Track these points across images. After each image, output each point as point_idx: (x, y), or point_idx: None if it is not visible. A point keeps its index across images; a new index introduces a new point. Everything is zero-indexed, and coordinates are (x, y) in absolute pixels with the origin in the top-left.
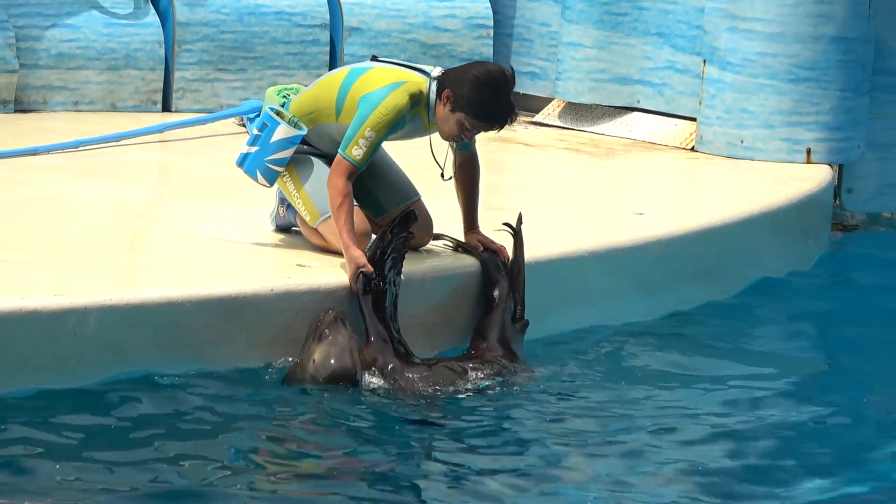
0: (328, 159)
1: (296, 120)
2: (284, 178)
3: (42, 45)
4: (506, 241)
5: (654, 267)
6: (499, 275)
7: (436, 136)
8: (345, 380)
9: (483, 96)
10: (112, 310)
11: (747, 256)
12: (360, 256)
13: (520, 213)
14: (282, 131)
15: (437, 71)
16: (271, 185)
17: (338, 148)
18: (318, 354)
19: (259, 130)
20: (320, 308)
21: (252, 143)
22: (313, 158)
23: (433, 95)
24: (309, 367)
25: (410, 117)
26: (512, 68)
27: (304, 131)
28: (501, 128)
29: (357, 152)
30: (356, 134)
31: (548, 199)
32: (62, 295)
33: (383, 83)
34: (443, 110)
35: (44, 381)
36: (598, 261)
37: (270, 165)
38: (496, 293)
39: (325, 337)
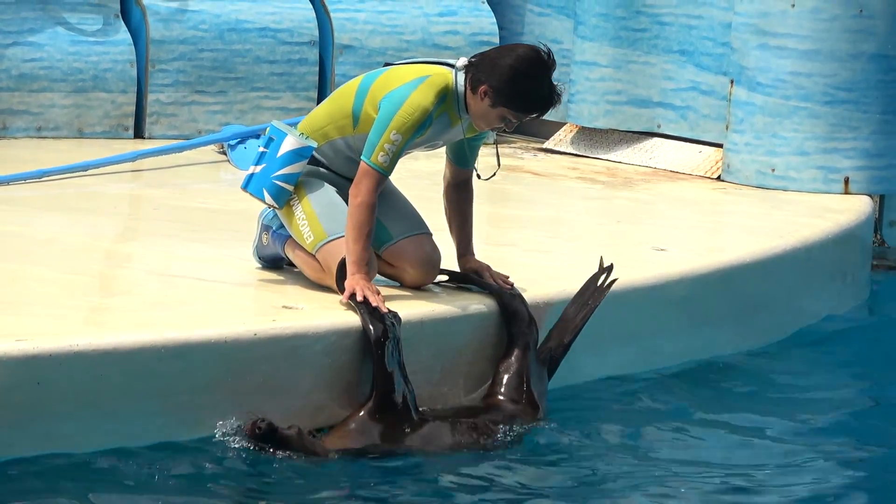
0: (339, 187)
1: (305, 136)
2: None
3: (2, 64)
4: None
5: (677, 308)
6: (517, 305)
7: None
8: None
9: (526, 88)
10: (80, 357)
11: (779, 297)
12: (370, 285)
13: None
14: (290, 143)
15: (461, 61)
16: (281, 206)
17: (353, 165)
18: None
19: (265, 147)
20: (309, 354)
21: (257, 161)
22: (323, 181)
23: (461, 88)
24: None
25: (437, 114)
26: (547, 46)
27: (315, 144)
28: (546, 112)
29: (383, 158)
30: (381, 138)
31: (559, 234)
32: (24, 340)
33: (407, 79)
34: (481, 105)
35: (3, 435)
36: (615, 302)
37: (279, 182)
38: (517, 327)
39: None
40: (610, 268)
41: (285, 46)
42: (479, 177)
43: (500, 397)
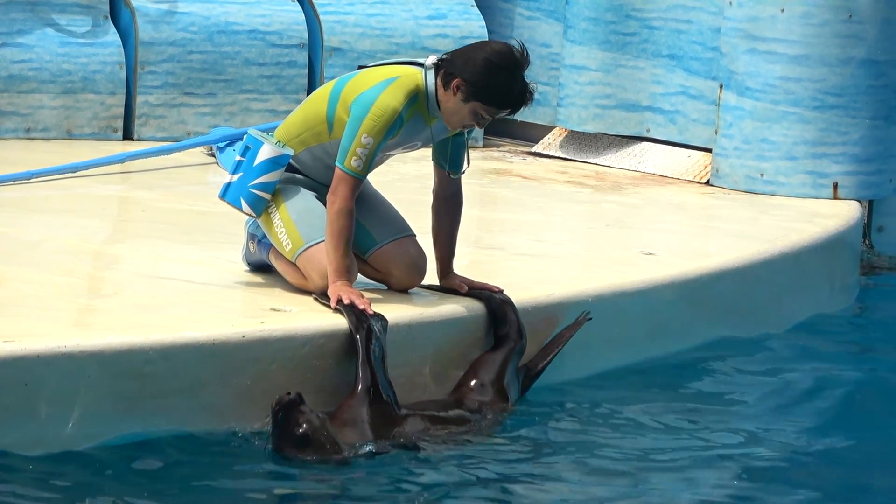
0: (318, 192)
1: (282, 144)
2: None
3: None
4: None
5: (665, 312)
6: (507, 310)
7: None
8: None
9: (500, 81)
10: (67, 358)
11: (767, 301)
12: (353, 291)
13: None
14: (266, 151)
15: (430, 59)
16: (258, 214)
17: (331, 172)
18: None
19: (242, 156)
20: (297, 356)
21: (234, 170)
22: (300, 187)
23: (431, 87)
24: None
25: (409, 115)
26: (522, 44)
27: (292, 152)
28: (517, 111)
29: (356, 163)
30: (352, 142)
31: (548, 238)
32: (12, 341)
33: (375, 81)
34: (453, 100)
35: None
36: (603, 305)
37: (256, 191)
38: (504, 330)
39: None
40: (588, 317)
41: (274, 49)
42: (450, 174)
43: (472, 385)
